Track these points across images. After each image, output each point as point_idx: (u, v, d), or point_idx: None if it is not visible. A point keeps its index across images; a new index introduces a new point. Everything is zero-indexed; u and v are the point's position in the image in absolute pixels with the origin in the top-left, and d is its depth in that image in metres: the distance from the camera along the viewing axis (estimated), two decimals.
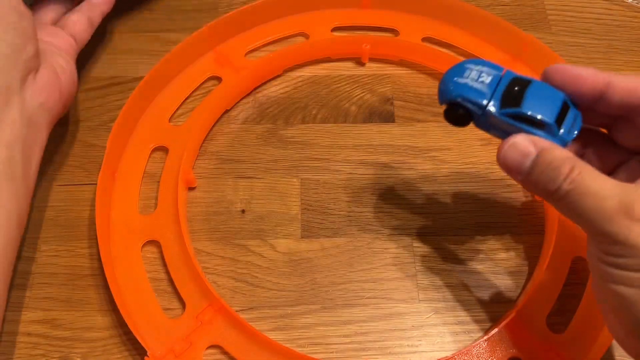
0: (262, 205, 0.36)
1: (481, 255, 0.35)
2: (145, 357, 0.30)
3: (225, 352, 0.31)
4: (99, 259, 0.34)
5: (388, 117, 0.40)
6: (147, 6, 0.44)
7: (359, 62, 0.42)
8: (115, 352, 0.31)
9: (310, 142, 0.39)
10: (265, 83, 0.41)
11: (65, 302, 0.33)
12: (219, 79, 0.40)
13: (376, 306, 0.33)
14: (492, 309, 0.33)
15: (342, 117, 0.40)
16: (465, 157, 0.38)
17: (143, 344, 0.30)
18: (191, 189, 0.37)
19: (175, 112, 0.39)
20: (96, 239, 0.34)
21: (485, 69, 0.27)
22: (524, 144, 0.25)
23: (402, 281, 0.34)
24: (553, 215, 0.34)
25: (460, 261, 0.35)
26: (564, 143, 0.26)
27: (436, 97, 0.40)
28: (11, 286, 0.33)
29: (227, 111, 0.40)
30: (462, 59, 0.40)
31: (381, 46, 0.41)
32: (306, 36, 0.42)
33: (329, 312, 0.33)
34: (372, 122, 0.39)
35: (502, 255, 0.35)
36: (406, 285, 0.34)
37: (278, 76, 0.41)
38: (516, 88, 0.26)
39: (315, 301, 0.33)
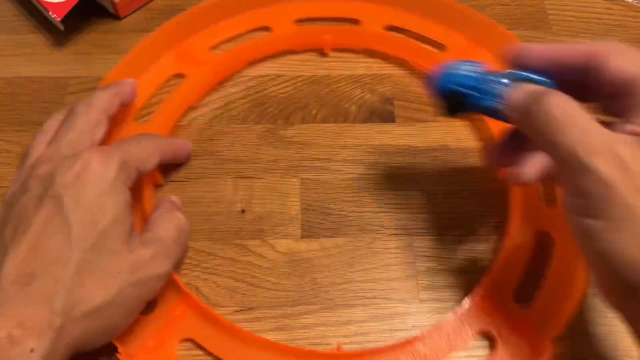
0: (262, 205, 0.36)
1: (481, 255, 0.35)
2: (116, 354, 0.29)
3: (198, 345, 0.31)
4: None
5: (388, 117, 0.40)
6: (147, 6, 0.44)
7: (322, 54, 0.42)
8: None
9: (310, 142, 0.39)
10: (226, 81, 0.41)
11: None
12: (182, 76, 0.40)
13: (376, 306, 0.33)
14: None
15: (342, 117, 0.40)
16: (465, 157, 0.38)
17: (113, 342, 0.30)
18: (158, 186, 0.37)
19: (140, 110, 0.39)
20: None
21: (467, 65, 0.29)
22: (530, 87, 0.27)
23: (402, 281, 0.34)
24: (516, 193, 0.35)
25: (460, 261, 0.34)
26: None
27: None
28: None
29: (192, 107, 0.40)
30: (424, 46, 0.41)
31: (343, 36, 0.41)
32: (269, 30, 0.42)
33: (329, 312, 0.33)
34: (372, 122, 0.39)
35: (502, 255, 0.35)
36: (406, 285, 0.34)
37: (241, 70, 0.41)
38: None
39: (315, 301, 0.33)
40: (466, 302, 0.32)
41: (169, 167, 0.37)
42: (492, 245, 0.35)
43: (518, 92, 0.27)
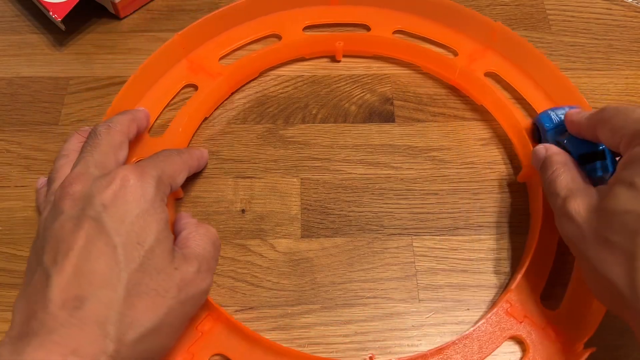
0: (262, 205, 0.36)
1: (481, 255, 0.35)
2: None
3: None
4: None
5: (388, 117, 0.40)
6: (147, 6, 0.45)
7: (334, 60, 0.42)
8: None
9: (310, 142, 0.39)
10: (243, 86, 0.41)
11: None
12: (194, 87, 0.40)
13: (376, 306, 0.33)
14: None
15: (342, 117, 0.40)
16: (465, 157, 0.38)
17: None
18: (178, 199, 0.36)
19: (153, 124, 0.38)
20: None
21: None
22: (540, 148, 0.34)
23: (402, 281, 0.34)
24: (536, 196, 0.35)
25: (460, 261, 0.35)
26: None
27: (436, 97, 0.41)
28: (9, 286, 0.33)
29: (205, 119, 0.39)
30: (433, 50, 0.41)
31: (354, 42, 0.41)
32: (278, 37, 0.42)
33: (329, 312, 0.33)
34: (372, 122, 0.39)
35: (502, 255, 0.35)
36: (406, 285, 0.34)
37: (254, 79, 0.41)
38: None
39: (315, 301, 0.33)
40: (495, 309, 0.32)
41: None
42: (492, 245, 0.35)
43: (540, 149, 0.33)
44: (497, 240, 0.35)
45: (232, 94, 0.41)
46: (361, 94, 0.41)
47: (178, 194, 0.36)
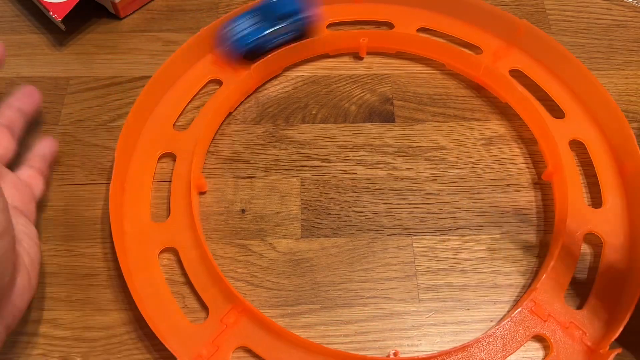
0: (262, 205, 0.36)
1: (481, 255, 0.35)
2: None
3: (253, 353, 0.31)
4: (99, 259, 0.34)
5: (388, 117, 0.40)
6: (147, 6, 0.45)
7: (357, 57, 0.42)
8: (115, 352, 0.31)
9: (310, 142, 0.39)
10: (265, 83, 0.41)
11: (66, 302, 0.33)
12: (219, 82, 0.40)
13: (376, 306, 0.33)
14: (493, 308, 0.33)
15: (342, 117, 0.40)
16: (465, 157, 0.38)
17: (171, 351, 0.30)
18: (201, 193, 0.37)
19: (178, 117, 0.39)
20: (98, 238, 0.34)
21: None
22: None
23: (402, 281, 0.34)
24: (561, 192, 0.35)
25: (460, 261, 0.35)
26: None
27: (436, 97, 0.41)
28: None
29: (230, 113, 0.40)
30: (457, 48, 0.41)
31: (378, 39, 0.41)
32: None
33: (329, 311, 0.33)
34: (372, 122, 0.39)
35: (502, 255, 0.35)
36: (406, 285, 0.34)
37: (277, 75, 0.41)
38: None
39: (315, 301, 0.33)
40: (519, 307, 0.32)
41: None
42: (492, 245, 0.35)
43: None
44: (497, 240, 0.35)
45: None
46: (361, 94, 0.41)
47: (202, 187, 0.36)
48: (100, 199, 0.36)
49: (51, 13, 0.40)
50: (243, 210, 0.36)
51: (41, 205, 0.36)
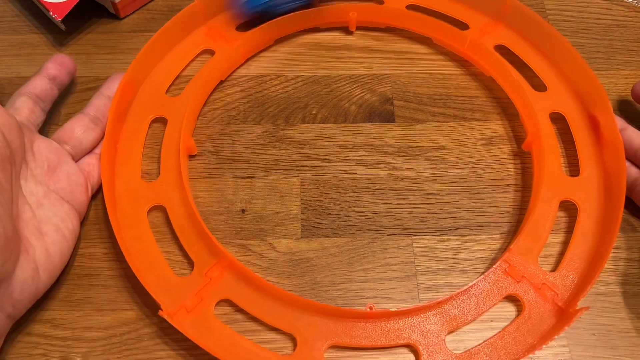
0: (262, 205, 0.36)
1: (481, 255, 0.35)
2: (159, 311, 0.30)
3: (235, 306, 0.32)
4: (99, 259, 0.34)
5: (388, 117, 0.40)
6: (147, 6, 0.45)
7: (347, 31, 0.43)
8: (115, 352, 0.31)
9: (310, 142, 0.39)
10: (256, 55, 0.42)
11: (66, 302, 0.33)
12: (211, 52, 0.41)
13: (376, 306, 0.33)
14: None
15: (342, 117, 0.40)
16: (465, 157, 0.38)
17: (156, 300, 0.31)
18: (191, 156, 0.38)
19: (171, 84, 0.40)
20: (98, 238, 0.34)
21: None
22: None
23: (402, 281, 0.34)
24: (539, 160, 0.36)
25: (460, 261, 0.35)
26: None
27: (436, 97, 0.41)
28: None
29: (221, 82, 0.40)
30: (444, 23, 0.41)
31: (368, 14, 0.42)
32: None
33: None
34: (372, 122, 0.39)
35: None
36: (406, 285, 0.34)
37: (269, 47, 0.42)
38: None
39: (315, 301, 0.33)
40: (493, 267, 0.33)
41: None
42: (492, 245, 0.35)
43: None
44: (497, 240, 0.35)
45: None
46: (361, 94, 0.41)
47: (192, 150, 0.37)
48: (99, 198, 0.36)
49: (51, 13, 0.40)
50: (243, 210, 0.36)
51: None
